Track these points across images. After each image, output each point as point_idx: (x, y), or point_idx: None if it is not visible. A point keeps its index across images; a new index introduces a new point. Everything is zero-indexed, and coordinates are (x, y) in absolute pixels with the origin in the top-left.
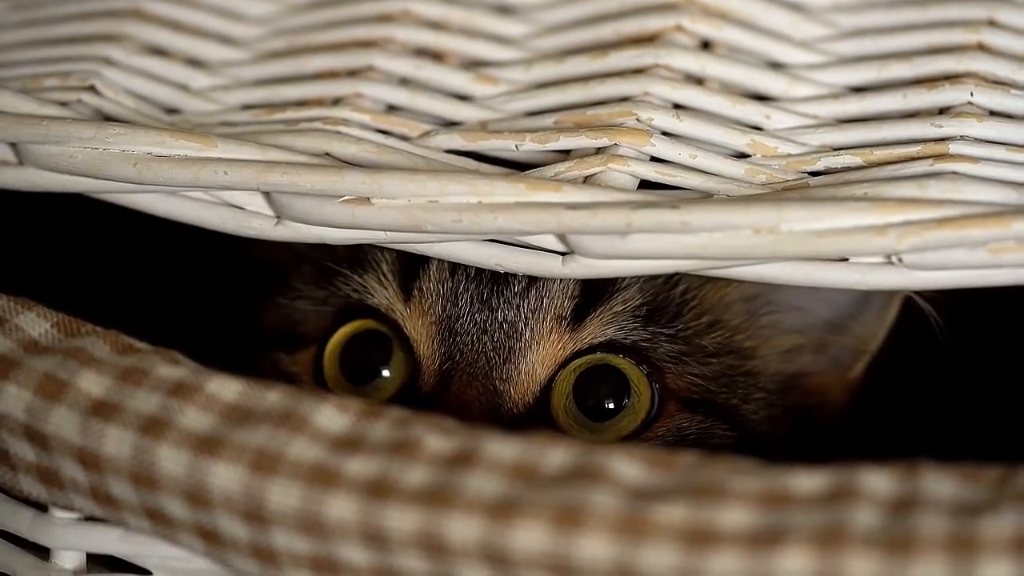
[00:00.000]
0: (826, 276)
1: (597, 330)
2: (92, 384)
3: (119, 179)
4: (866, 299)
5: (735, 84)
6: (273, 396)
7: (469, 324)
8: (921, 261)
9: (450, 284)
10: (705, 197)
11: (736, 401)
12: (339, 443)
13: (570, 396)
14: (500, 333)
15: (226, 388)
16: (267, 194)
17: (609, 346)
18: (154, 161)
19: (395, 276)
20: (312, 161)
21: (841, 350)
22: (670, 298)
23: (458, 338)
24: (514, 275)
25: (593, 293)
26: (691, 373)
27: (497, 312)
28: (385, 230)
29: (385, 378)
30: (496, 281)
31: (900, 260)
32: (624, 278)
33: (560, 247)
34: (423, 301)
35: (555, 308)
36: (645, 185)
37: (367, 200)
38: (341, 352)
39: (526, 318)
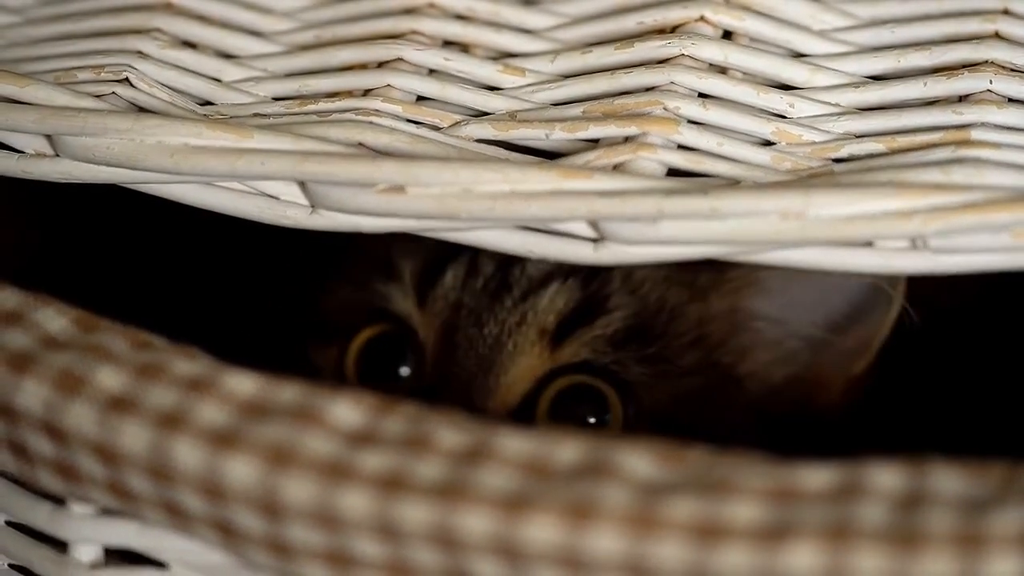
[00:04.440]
0: (852, 261)
1: (574, 351)
2: (110, 379)
3: (156, 170)
4: (864, 299)
5: (758, 73)
6: (289, 391)
7: (463, 335)
8: (946, 245)
9: (456, 295)
10: (733, 184)
11: (709, 415)
12: (354, 438)
13: (551, 411)
14: (485, 347)
15: (242, 383)
16: (302, 184)
17: (584, 366)
18: (191, 152)
19: (414, 286)
20: (348, 151)
21: (839, 351)
22: (655, 321)
23: (456, 347)
24: (508, 291)
25: (575, 316)
26: (664, 391)
27: (485, 327)
28: (419, 218)
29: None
30: (492, 296)
31: (926, 244)
32: (612, 303)
33: (591, 234)
34: (434, 310)
35: (537, 326)
36: (672, 173)
37: (402, 189)
38: (360, 352)
39: (509, 332)
